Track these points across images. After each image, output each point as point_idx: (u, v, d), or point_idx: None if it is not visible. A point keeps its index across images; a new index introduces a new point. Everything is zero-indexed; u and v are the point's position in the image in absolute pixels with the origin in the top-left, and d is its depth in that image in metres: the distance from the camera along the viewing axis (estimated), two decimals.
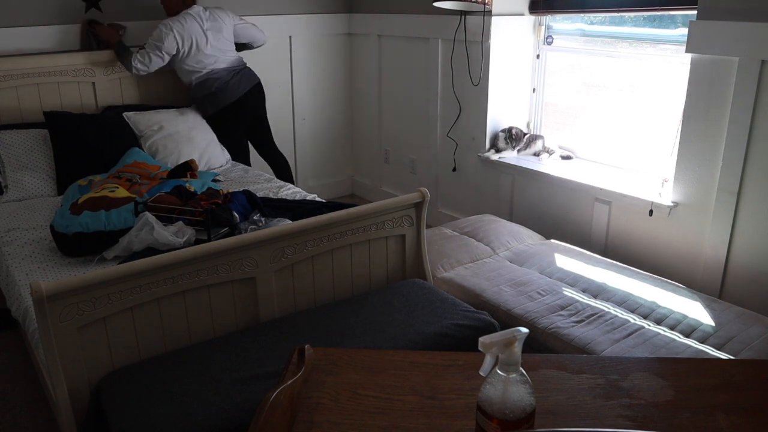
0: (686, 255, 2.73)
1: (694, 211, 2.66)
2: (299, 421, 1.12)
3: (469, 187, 3.73)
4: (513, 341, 0.94)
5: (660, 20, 2.96)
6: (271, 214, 2.57)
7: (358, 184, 4.68)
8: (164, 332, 1.80)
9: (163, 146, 3.31)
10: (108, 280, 1.65)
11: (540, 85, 3.53)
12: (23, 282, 2.18)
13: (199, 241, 2.25)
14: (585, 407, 1.14)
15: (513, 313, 2.21)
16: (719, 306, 2.22)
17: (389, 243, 2.24)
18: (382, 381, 1.23)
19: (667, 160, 2.84)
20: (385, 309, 1.98)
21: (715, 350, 1.96)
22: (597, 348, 1.98)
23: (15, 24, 3.24)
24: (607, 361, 1.29)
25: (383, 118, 4.27)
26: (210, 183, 2.93)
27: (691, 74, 2.57)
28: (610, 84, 3.21)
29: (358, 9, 4.24)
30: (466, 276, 2.48)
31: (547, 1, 3.32)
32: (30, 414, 2.31)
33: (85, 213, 2.34)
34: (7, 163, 3.04)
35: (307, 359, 1.25)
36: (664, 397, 1.16)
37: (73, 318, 1.62)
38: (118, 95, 3.52)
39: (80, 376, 1.66)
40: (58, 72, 3.30)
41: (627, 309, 2.21)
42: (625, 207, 2.91)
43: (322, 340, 1.80)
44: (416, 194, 2.20)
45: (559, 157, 3.34)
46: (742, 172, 2.46)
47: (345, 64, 4.39)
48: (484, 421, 0.95)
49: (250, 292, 1.94)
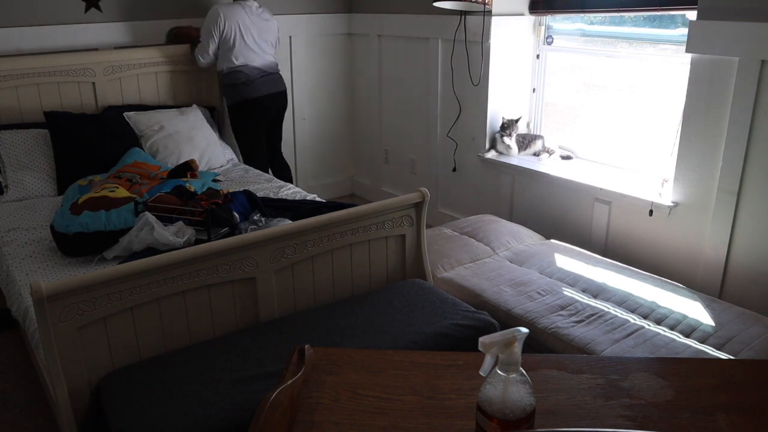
0: (686, 255, 2.73)
1: (694, 211, 2.66)
2: (299, 421, 1.12)
3: (469, 187, 3.73)
4: (513, 341, 0.94)
5: (660, 20, 2.96)
6: (271, 214, 2.57)
7: (358, 184, 4.68)
8: (164, 332, 1.80)
9: (164, 146, 3.31)
10: (108, 280, 1.65)
11: (540, 85, 3.53)
12: (23, 282, 2.18)
13: (199, 241, 2.25)
14: (585, 407, 1.14)
15: (513, 313, 2.21)
16: (719, 306, 2.22)
17: (389, 243, 2.24)
18: (382, 381, 1.23)
19: (667, 160, 2.84)
20: (385, 309, 1.98)
21: (715, 350, 1.96)
22: (597, 348, 1.98)
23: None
24: (607, 361, 1.29)
25: (383, 118, 4.27)
26: (210, 183, 2.94)
27: (691, 74, 2.57)
28: (610, 84, 3.21)
29: (358, 9, 4.24)
30: (466, 276, 2.48)
31: (547, 1, 3.32)
32: (30, 414, 2.31)
33: (85, 213, 2.35)
34: (7, 163, 3.04)
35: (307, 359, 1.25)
36: (664, 397, 1.16)
37: (73, 318, 1.62)
38: (118, 95, 3.52)
39: (80, 376, 1.66)
40: (58, 72, 3.30)
41: (627, 309, 2.21)
42: (625, 207, 2.91)
43: (322, 340, 1.80)
44: (416, 194, 2.20)
45: (559, 157, 3.34)
46: (742, 172, 2.46)
47: (345, 64, 4.39)
48: (484, 421, 0.95)
49: (250, 292, 1.94)
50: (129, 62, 3.49)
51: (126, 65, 3.49)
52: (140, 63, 3.53)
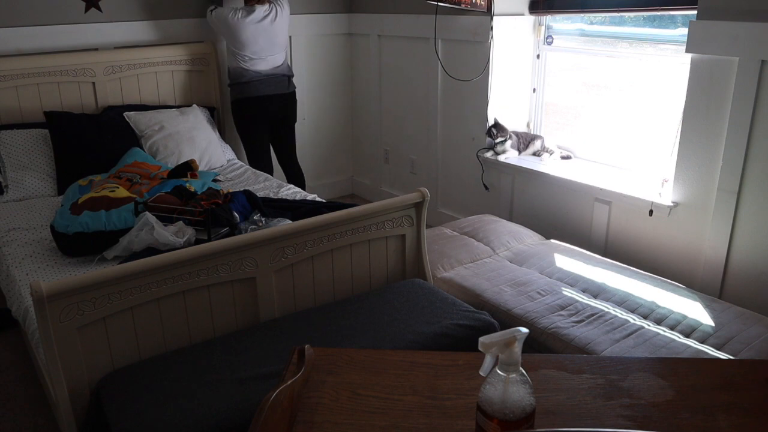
0: (686, 255, 2.73)
1: (694, 211, 2.66)
2: (299, 421, 1.12)
3: (469, 187, 3.72)
4: (513, 341, 0.94)
5: (660, 20, 2.96)
6: (271, 214, 2.57)
7: (358, 184, 4.68)
8: (164, 332, 1.80)
9: (164, 146, 3.31)
10: (108, 280, 1.65)
11: (540, 85, 3.53)
12: (23, 282, 2.18)
13: (199, 241, 2.25)
14: (585, 407, 1.14)
15: (513, 313, 2.21)
16: (719, 306, 2.22)
17: (389, 243, 2.24)
18: (382, 381, 1.23)
19: (667, 160, 2.84)
20: (385, 309, 1.98)
21: (715, 350, 1.96)
22: (597, 348, 1.98)
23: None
24: (607, 361, 1.29)
25: (383, 118, 4.27)
26: (210, 183, 2.94)
27: (691, 74, 2.57)
28: (611, 84, 3.21)
29: (358, 9, 4.24)
30: (466, 276, 2.48)
31: (547, 1, 3.32)
32: (30, 414, 2.31)
33: (85, 213, 2.35)
34: (7, 163, 3.04)
35: (307, 359, 1.24)
36: (664, 397, 1.16)
37: (73, 318, 1.62)
38: (118, 95, 3.52)
39: (80, 376, 1.66)
40: (58, 72, 3.30)
41: (627, 309, 2.21)
42: (625, 207, 2.91)
43: (322, 340, 1.80)
44: (416, 194, 2.20)
45: (558, 157, 3.34)
46: (742, 172, 2.46)
47: (345, 64, 4.39)
48: (484, 421, 0.95)
49: (250, 292, 1.94)
50: (129, 62, 3.49)
51: (126, 65, 3.49)
52: (140, 63, 3.53)
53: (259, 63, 3.51)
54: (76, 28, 3.39)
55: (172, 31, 3.67)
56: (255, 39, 3.44)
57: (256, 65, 3.50)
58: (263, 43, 3.48)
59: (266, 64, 3.53)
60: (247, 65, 3.48)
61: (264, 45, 3.48)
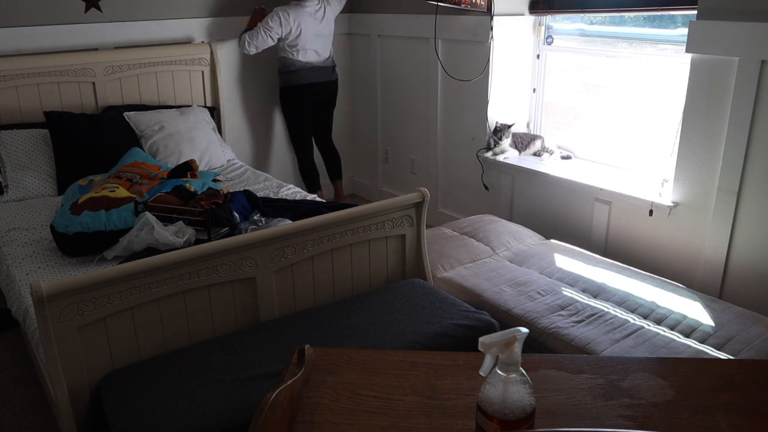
0: (686, 255, 2.73)
1: (694, 211, 2.66)
2: (299, 421, 1.12)
3: (469, 187, 3.72)
4: (513, 341, 0.94)
5: (660, 20, 2.96)
6: (271, 214, 2.57)
7: (358, 184, 4.68)
8: (164, 332, 1.80)
9: (164, 146, 3.31)
10: (108, 280, 1.65)
11: (540, 85, 3.53)
12: (23, 282, 2.18)
13: (199, 241, 2.25)
14: (585, 407, 1.14)
15: (513, 313, 2.21)
16: (719, 306, 2.22)
17: (389, 243, 2.24)
18: (382, 381, 1.23)
19: (667, 160, 2.84)
20: (385, 309, 1.98)
21: (715, 350, 1.96)
22: (597, 348, 1.98)
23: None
24: (607, 361, 1.29)
25: (383, 118, 4.27)
26: (210, 183, 2.93)
27: (691, 74, 2.57)
28: (611, 84, 3.21)
29: (358, 9, 4.24)
30: (466, 276, 2.48)
31: (547, 1, 3.32)
32: (30, 414, 2.31)
33: (85, 213, 2.35)
34: (7, 163, 3.04)
35: (307, 359, 1.24)
36: (664, 397, 1.16)
37: (73, 318, 1.62)
38: (119, 95, 3.52)
39: (80, 376, 1.66)
40: (58, 72, 3.30)
41: (627, 309, 2.21)
42: (625, 207, 2.91)
43: (322, 340, 1.80)
44: (416, 194, 2.20)
45: (558, 157, 3.34)
46: (742, 172, 2.46)
47: (345, 64, 4.39)
48: (484, 421, 0.95)
49: (250, 292, 1.94)
50: (129, 62, 3.49)
51: (126, 65, 3.49)
52: (140, 63, 3.53)
53: (307, 54, 3.73)
54: (76, 28, 3.39)
55: (172, 31, 3.67)
56: (305, 32, 3.66)
57: (304, 56, 3.72)
58: (311, 35, 3.68)
59: (313, 55, 3.75)
60: (296, 56, 3.71)
61: (311, 37, 3.69)
